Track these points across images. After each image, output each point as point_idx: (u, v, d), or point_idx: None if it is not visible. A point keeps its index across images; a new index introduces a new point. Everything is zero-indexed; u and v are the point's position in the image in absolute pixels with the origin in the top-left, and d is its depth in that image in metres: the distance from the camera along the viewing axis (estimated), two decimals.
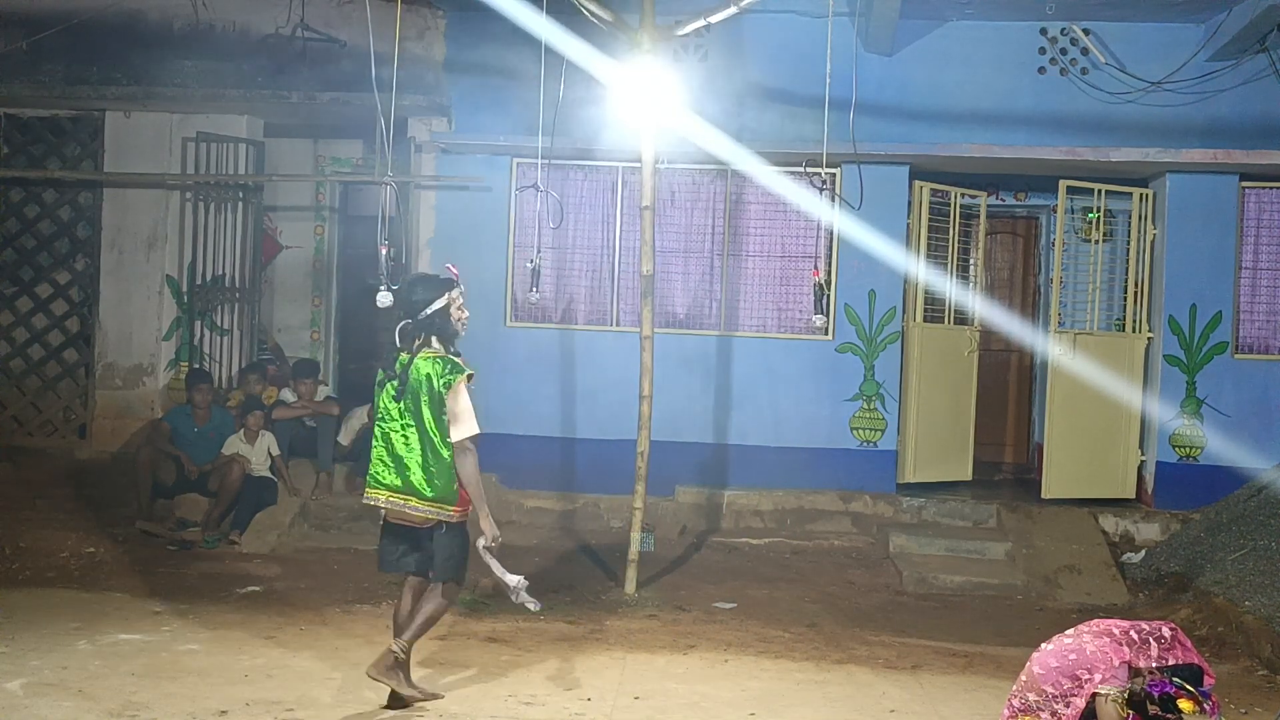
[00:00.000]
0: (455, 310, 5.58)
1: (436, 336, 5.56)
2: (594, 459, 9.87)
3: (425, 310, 5.52)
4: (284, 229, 11.90)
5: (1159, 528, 9.54)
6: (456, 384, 5.45)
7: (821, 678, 6.46)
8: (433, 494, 5.48)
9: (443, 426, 5.47)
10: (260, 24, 10.04)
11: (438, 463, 5.47)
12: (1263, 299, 10.05)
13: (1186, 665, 4.68)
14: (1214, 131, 9.61)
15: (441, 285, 5.60)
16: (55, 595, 7.48)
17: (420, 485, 5.47)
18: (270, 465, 9.50)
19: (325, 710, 5.59)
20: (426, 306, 5.52)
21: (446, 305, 5.55)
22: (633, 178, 9.89)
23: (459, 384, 5.46)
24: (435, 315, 5.53)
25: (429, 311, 5.52)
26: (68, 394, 10.79)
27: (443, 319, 5.55)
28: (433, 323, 5.54)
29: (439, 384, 5.45)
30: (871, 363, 10.00)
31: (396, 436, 5.53)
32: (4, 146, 10.73)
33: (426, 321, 5.53)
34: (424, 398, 5.47)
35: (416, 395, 5.48)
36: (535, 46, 8.18)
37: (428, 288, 5.60)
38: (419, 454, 5.49)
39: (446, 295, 5.56)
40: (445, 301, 5.55)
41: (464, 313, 5.64)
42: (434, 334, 5.55)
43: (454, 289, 5.60)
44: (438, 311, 5.53)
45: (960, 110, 9.73)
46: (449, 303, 5.56)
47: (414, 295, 5.57)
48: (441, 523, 5.51)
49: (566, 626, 7.24)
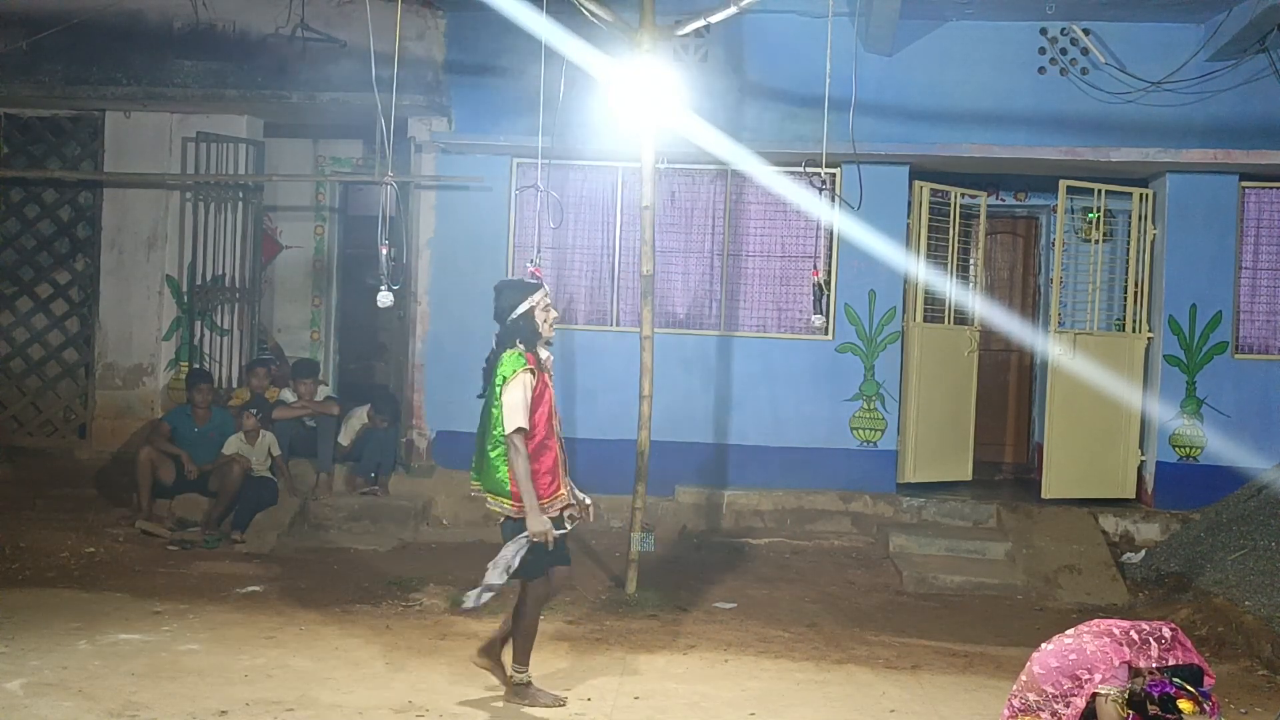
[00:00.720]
0: (540, 313, 5.64)
1: (522, 340, 5.61)
2: (594, 459, 9.84)
3: (511, 315, 5.61)
4: (284, 229, 11.90)
5: (1159, 528, 9.54)
6: (512, 378, 5.50)
7: (821, 678, 6.46)
8: (491, 486, 5.63)
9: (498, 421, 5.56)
10: (260, 24, 10.04)
11: (496, 453, 5.58)
12: (1263, 299, 10.05)
13: (1186, 665, 4.68)
14: (1214, 131, 9.60)
15: (525, 289, 5.68)
16: (55, 595, 7.48)
17: (485, 478, 5.65)
18: (271, 465, 9.50)
19: (325, 710, 5.59)
20: (512, 311, 5.61)
21: (531, 309, 5.61)
22: (633, 178, 9.88)
23: (513, 378, 5.49)
24: (521, 319, 5.60)
25: (514, 315, 5.61)
26: (68, 394, 10.79)
27: (528, 322, 5.61)
28: (519, 327, 5.61)
29: (498, 378, 5.54)
30: (871, 363, 10.00)
31: (483, 427, 5.67)
32: (4, 146, 10.73)
33: (513, 326, 5.62)
34: (494, 391, 5.59)
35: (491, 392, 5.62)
36: (535, 46, 8.18)
37: (512, 292, 5.68)
38: (487, 448, 5.62)
39: (530, 299, 5.62)
40: (529, 305, 5.61)
41: (550, 314, 5.69)
42: (519, 337, 5.61)
43: (537, 292, 5.67)
44: (523, 315, 5.60)
45: (960, 110, 9.73)
46: (533, 306, 5.62)
47: (500, 301, 5.67)
48: (506, 516, 5.62)
49: (566, 626, 7.24)
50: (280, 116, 10.81)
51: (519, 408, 5.47)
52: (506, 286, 5.76)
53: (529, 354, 5.59)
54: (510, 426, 5.47)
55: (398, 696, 5.81)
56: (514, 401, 5.47)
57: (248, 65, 10.05)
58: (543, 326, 5.65)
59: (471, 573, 8.32)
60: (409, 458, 10.21)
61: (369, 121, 7.68)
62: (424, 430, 10.24)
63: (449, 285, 10.24)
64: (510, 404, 5.48)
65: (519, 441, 5.47)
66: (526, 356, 5.57)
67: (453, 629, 7.10)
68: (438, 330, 10.28)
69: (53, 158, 10.81)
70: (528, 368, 5.52)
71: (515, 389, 5.48)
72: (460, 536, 9.57)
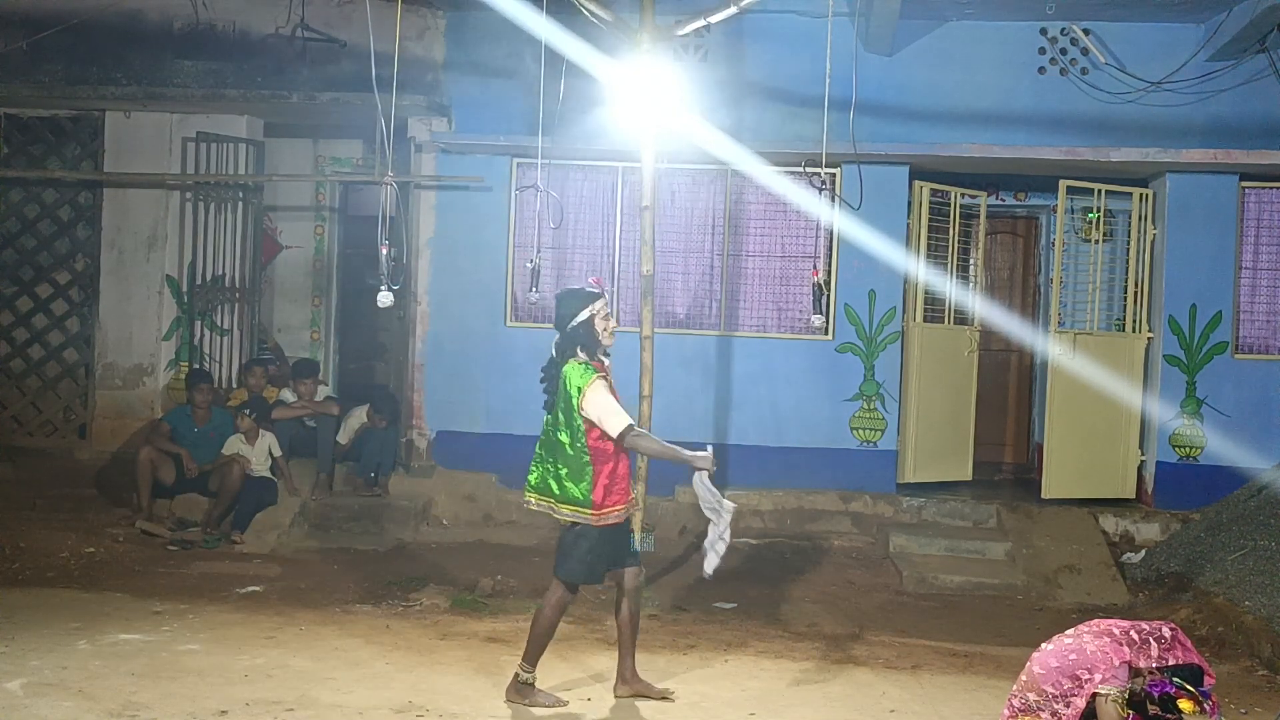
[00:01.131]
0: (600, 321, 5.65)
1: (582, 348, 5.63)
2: None
3: (571, 323, 5.63)
4: (284, 229, 11.89)
5: (1159, 528, 9.54)
6: (588, 387, 5.52)
7: (821, 678, 6.46)
8: (566, 499, 5.64)
9: (573, 431, 5.57)
10: (260, 24, 10.04)
11: (568, 466, 5.61)
12: (1263, 299, 10.05)
13: (1186, 665, 4.68)
14: (1214, 131, 9.61)
15: (586, 298, 5.67)
16: (55, 595, 7.48)
17: (558, 485, 5.64)
18: (271, 465, 9.50)
19: (325, 710, 5.59)
20: (572, 319, 5.62)
21: (590, 317, 5.62)
22: (633, 178, 9.88)
23: (589, 386, 5.51)
24: (580, 327, 5.62)
25: (574, 324, 5.62)
26: (68, 394, 10.79)
27: (587, 330, 5.63)
28: (578, 334, 5.62)
29: (572, 389, 5.55)
30: (871, 363, 10.00)
31: (546, 441, 5.70)
32: (4, 146, 10.73)
33: (572, 334, 5.63)
34: (561, 404, 5.61)
35: (557, 403, 5.64)
36: (535, 46, 8.18)
37: (573, 300, 5.68)
38: (557, 458, 5.64)
39: (590, 307, 5.64)
40: (589, 313, 5.62)
41: (610, 323, 5.71)
42: (579, 345, 5.63)
43: (598, 301, 5.67)
44: (582, 323, 5.62)
45: (960, 110, 9.73)
46: (593, 314, 5.63)
47: (560, 309, 5.69)
48: (576, 523, 5.64)
49: (566, 626, 7.22)
50: (280, 116, 10.82)
51: (613, 409, 5.52)
52: (567, 295, 5.76)
53: (594, 362, 5.63)
54: (617, 429, 5.49)
55: (398, 696, 5.80)
56: (606, 406, 5.51)
57: (248, 65, 10.06)
58: (602, 335, 5.67)
59: (471, 573, 8.37)
60: (409, 458, 10.21)
61: (369, 121, 7.68)
62: (424, 430, 10.24)
63: (449, 285, 10.25)
64: (604, 409, 5.51)
65: (634, 439, 5.52)
66: (593, 364, 5.61)
67: (453, 629, 7.10)
68: (438, 330, 10.28)
69: (53, 158, 10.82)
70: (598, 374, 5.57)
71: (599, 395, 5.52)
72: (460, 536, 9.57)
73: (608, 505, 5.63)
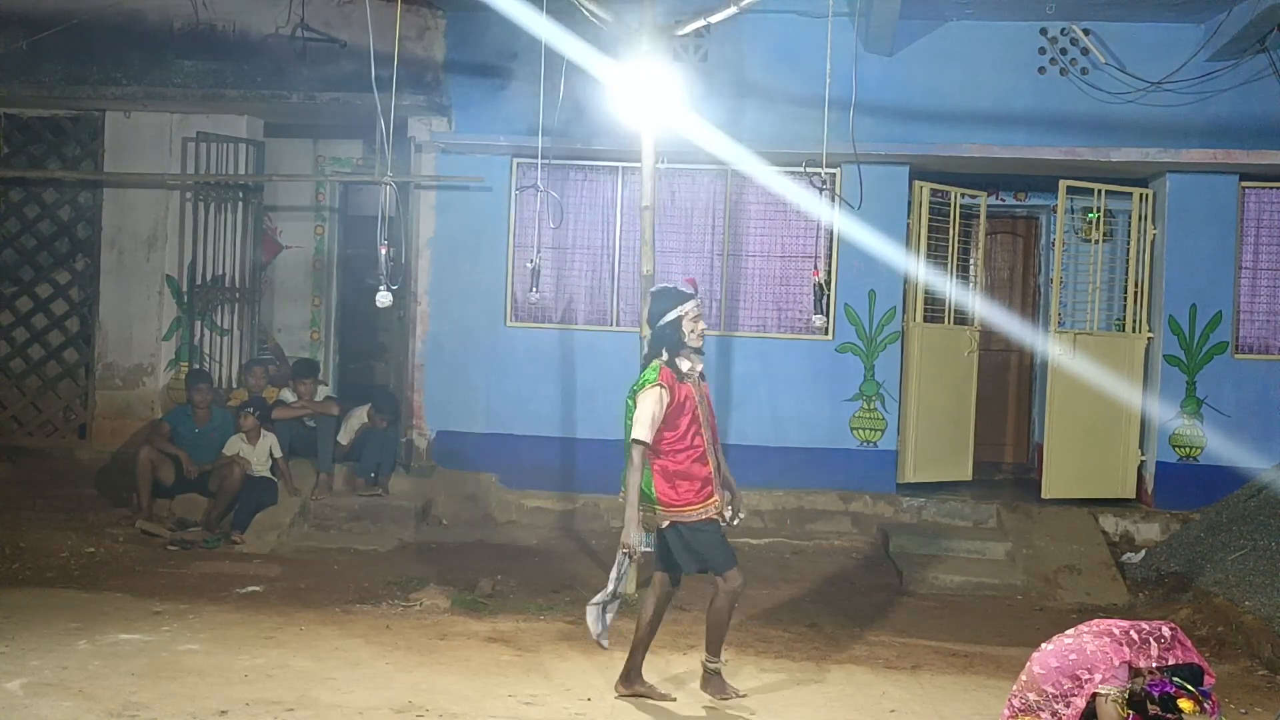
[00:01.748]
0: (688, 323, 5.65)
1: (667, 348, 5.65)
2: (594, 459, 9.87)
3: (659, 321, 5.67)
4: (284, 229, 11.89)
5: (1159, 528, 9.54)
6: (642, 391, 5.57)
7: (821, 678, 6.46)
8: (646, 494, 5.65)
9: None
10: (260, 24, 10.04)
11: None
12: (1263, 299, 10.05)
13: (1186, 665, 4.68)
14: (1214, 131, 9.61)
15: (677, 297, 5.69)
16: (55, 595, 7.48)
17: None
18: (272, 466, 9.50)
19: (325, 710, 5.59)
20: (660, 318, 5.66)
21: (680, 318, 5.63)
22: (633, 178, 9.89)
23: (644, 391, 5.56)
24: (667, 327, 5.65)
25: (662, 323, 5.66)
26: (68, 394, 10.79)
27: (674, 330, 5.65)
28: (664, 334, 5.66)
29: (634, 388, 5.62)
30: (871, 363, 10.00)
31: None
32: (4, 146, 10.73)
33: (660, 333, 5.67)
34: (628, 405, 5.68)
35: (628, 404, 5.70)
36: (535, 46, 8.18)
37: (664, 299, 5.70)
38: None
39: (680, 308, 5.64)
40: (678, 314, 5.63)
41: (699, 325, 5.69)
42: (664, 345, 5.66)
43: (689, 302, 5.67)
44: (670, 324, 5.64)
45: (960, 110, 9.73)
46: (681, 315, 5.63)
47: (652, 307, 5.74)
48: (671, 522, 5.69)
49: (566, 626, 7.24)
50: (280, 116, 10.81)
51: (644, 421, 5.54)
52: (659, 293, 5.78)
53: (665, 367, 5.62)
54: (630, 436, 5.55)
55: (398, 696, 5.80)
56: (641, 415, 5.55)
57: (248, 65, 10.05)
58: (689, 336, 5.67)
59: (471, 573, 8.37)
60: (409, 458, 10.21)
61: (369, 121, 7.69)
62: (424, 430, 10.24)
63: (449, 285, 10.25)
64: (638, 416, 5.55)
65: (635, 454, 5.55)
66: (661, 370, 5.60)
67: (453, 629, 7.10)
68: (438, 330, 10.28)
69: (53, 158, 10.82)
70: (659, 383, 5.57)
71: (646, 403, 5.55)
72: (460, 536, 9.57)
73: (680, 502, 5.65)
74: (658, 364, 5.66)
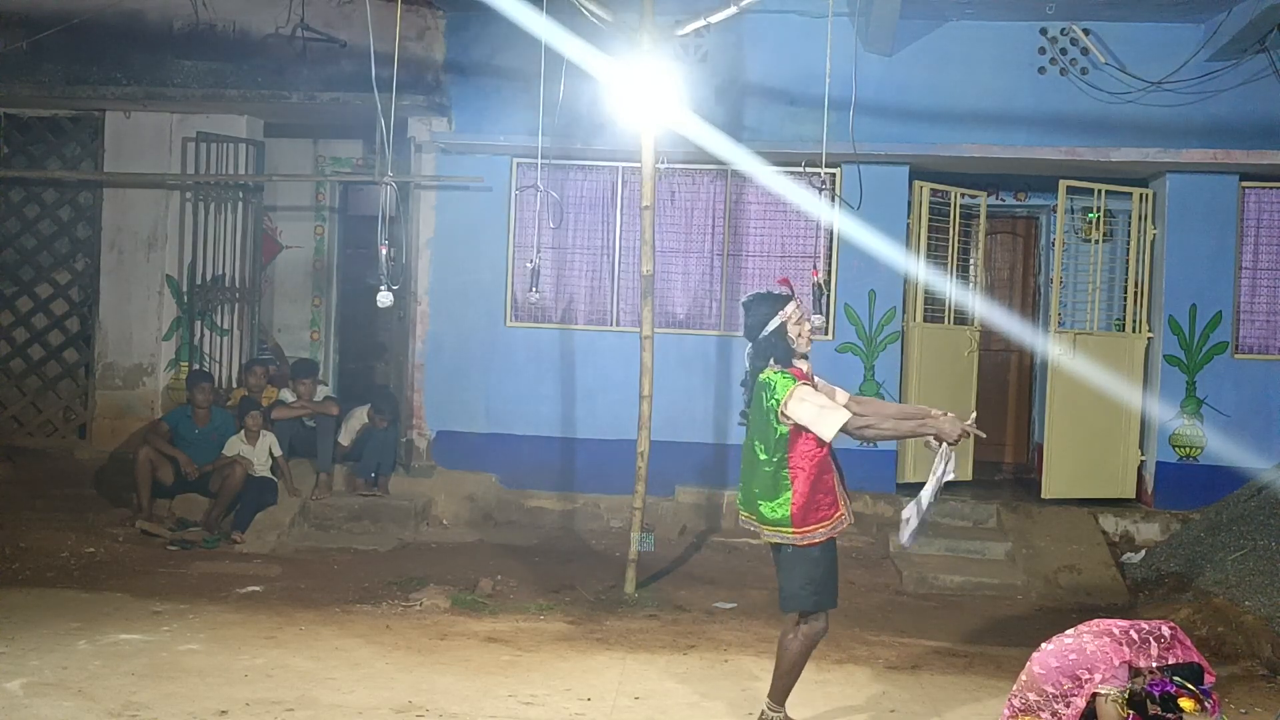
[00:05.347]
0: (793, 326, 5.16)
1: (775, 359, 5.15)
2: (594, 459, 9.87)
3: (761, 332, 5.16)
4: (284, 229, 11.89)
5: (1159, 528, 9.54)
6: (787, 397, 5.02)
7: (821, 678, 6.45)
8: (765, 514, 5.19)
9: (769, 445, 5.13)
10: (260, 24, 10.04)
11: (762, 483, 5.18)
12: (1263, 299, 10.05)
13: (1187, 664, 4.68)
14: (1214, 131, 9.60)
15: (776, 302, 5.19)
16: (55, 595, 7.48)
17: (756, 504, 5.23)
18: (272, 466, 9.50)
19: (325, 710, 5.59)
20: (762, 328, 5.16)
21: (783, 324, 5.14)
22: (633, 178, 9.89)
23: (789, 397, 5.02)
24: (771, 337, 5.15)
25: (766, 332, 5.15)
26: (68, 394, 10.79)
27: (779, 338, 5.15)
28: (771, 344, 5.15)
29: (769, 402, 5.10)
30: (871, 362, 10.00)
31: (746, 456, 5.31)
32: (4, 146, 10.73)
33: (763, 344, 5.17)
34: (754, 417, 5.22)
35: (751, 416, 5.25)
36: (535, 46, 8.18)
37: (763, 306, 5.19)
38: (753, 474, 5.24)
39: (782, 313, 5.15)
40: (780, 320, 5.14)
41: (804, 326, 5.19)
42: (772, 356, 5.15)
43: (788, 305, 5.17)
44: (774, 331, 5.14)
45: (960, 110, 9.73)
46: (785, 320, 5.14)
47: (750, 317, 5.22)
48: (783, 544, 5.20)
49: (566, 626, 7.24)
50: (280, 116, 10.81)
51: (821, 413, 5.00)
52: (755, 301, 5.24)
53: (792, 369, 5.15)
54: (835, 428, 4.98)
55: (398, 696, 5.80)
56: (810, 415, 5.01)
57: (248, 65, 10.05)
58: (796, 341, 5.16)
59: (471, 573, 8.37)
60: (409, 458, 10.21)
61: (369, 121, 7.70)
62: (424, 430, 10.24)
63: (449, 285, 10.25)
64: (810, 416, 5.01)
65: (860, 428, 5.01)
66: (791, 372, 5.11)
67: (453, 629, 7.10)
68: (438, 330, 10.28)
69: (53, 158, 10.82)
70: (800, 382, 5.07)
71: (802, 404, 5.01)
72: (460, 536, 9.57)
73: (810, 523, 5.13)
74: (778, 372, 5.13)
